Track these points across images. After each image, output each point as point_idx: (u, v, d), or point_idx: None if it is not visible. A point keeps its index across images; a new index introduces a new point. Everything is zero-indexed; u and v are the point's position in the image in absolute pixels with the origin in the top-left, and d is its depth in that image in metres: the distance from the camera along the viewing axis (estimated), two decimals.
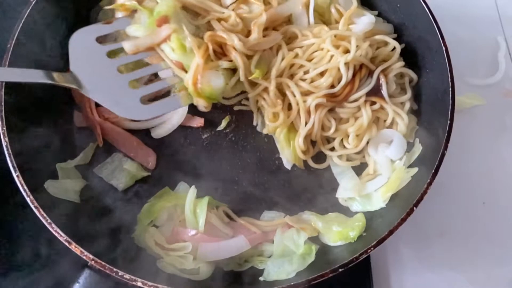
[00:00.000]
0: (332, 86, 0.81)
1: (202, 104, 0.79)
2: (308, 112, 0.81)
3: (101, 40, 0.77)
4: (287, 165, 0.85)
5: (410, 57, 0.86)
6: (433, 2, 0.81)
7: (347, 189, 0.83)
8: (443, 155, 0.70)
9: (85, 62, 0.72)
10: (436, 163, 0.70)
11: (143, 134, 0.86)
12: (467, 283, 0.89)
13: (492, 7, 1.11)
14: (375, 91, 0.83)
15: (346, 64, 0.79)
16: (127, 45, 0.77)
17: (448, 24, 0.82)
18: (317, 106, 0.81)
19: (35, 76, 0.67)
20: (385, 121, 0.84)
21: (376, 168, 0.84)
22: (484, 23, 1.09)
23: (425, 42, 0.82)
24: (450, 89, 0.75)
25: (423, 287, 0.89)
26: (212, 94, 0.77)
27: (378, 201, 0.80)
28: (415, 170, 0.77)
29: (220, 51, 0.79)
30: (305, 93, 0.81)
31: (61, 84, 0.68)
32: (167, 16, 0.76)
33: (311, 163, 0.84)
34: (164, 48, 0.78)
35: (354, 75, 0.81)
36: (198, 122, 0.88)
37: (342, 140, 0.84)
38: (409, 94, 0.84)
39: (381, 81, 0.82)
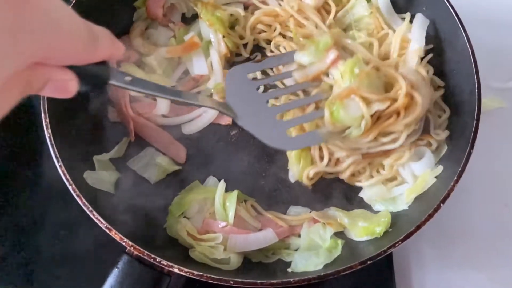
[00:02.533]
0: None
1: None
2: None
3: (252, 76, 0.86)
4: (291, 178, 0.86)
5: (436, 59, 0.87)
6: (458, 5, 0.83)
7: (371, 192, 0.84)
8: (470, 153, 0.72)
9: (239, 94, 0.79)
10: (463, 161, 0.71)
11: (174, 130, 0.89)
12: (489, 282, 0.90)
13: None
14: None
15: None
16: (297, 75, 0.83)
17: (471, 27, 0.83)
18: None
19: (208, 102, 0.73)
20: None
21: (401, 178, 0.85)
22: (507, 26, 1.10)
23: (450, 44, 0.84)
24: (476, 90, 0.76)
25: (444, 286, 0.90)
26: (338, 114, 0.76)
27: (402, 203, 0.81)
28: (439, 170, 0.78)
29: None
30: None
31: (223, 111, 0.75)
32: (333, 43, 0.81)
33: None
34: (333, 73, 0.81)
35: None
36: (227, 120, 0.90)
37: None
38: (447, 111, 0.85)
39: (429, 119, 0.84)
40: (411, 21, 0.89)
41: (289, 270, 0.75)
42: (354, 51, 0.84)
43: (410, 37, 0.87)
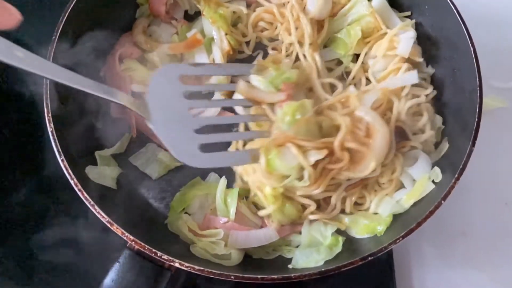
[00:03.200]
0: None
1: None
2: None
3: (185, 79, 0.78)
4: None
5: (438, 57, 0.88)
6: (461, 5, 0.83)
7: (382, 209, 0.81)
8: (471, 151, 0.72)
9: (161, 96, 0.72)
10: (464, 158, 0.71)
11: None
12: (489, 281, 0.90)
13: None
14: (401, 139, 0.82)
15: None
16: (241, 86, 0.78)
17: (474, 27, 0.83)
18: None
19: (107, 92, 0.66)
20: None
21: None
22: (508, 26, 1.10)
23: (453, 43, 0.84)
24: (478, 88, 0.77)
25: (444, 285, 0.90)
26: (274, 163, 0.72)
27: (400, 207, 0.80)
28: (438, 175, 0.78)
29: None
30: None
31: (130, 107, 0.68)
32: (294, 84, 0.78)
33: None
34: (277, 110, 0.77)
35: None
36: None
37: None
38: (425, 116, 0.84)
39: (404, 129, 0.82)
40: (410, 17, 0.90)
41: (290, 266, 0.76)
42: (317, 94, 0.83)
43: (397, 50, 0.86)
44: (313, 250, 0.77)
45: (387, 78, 0.86)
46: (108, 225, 0.68)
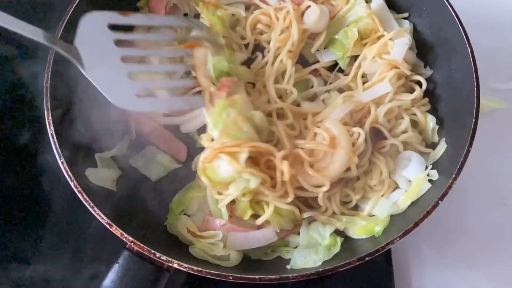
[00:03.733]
0: None
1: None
2: None
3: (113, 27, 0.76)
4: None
5: (434, 57, 0.88)
6: (458, 7, 0.84)
7: (379, 210, 0.81)
8: (468, 151, 0.72)
9: (92, 42, 0.72)
10: (461, 159, 0.72)
11: (175, 128, 0.90)
12: (487, 281, 0.91)
13: None
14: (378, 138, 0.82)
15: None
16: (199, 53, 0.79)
17: (471, 28, 0.84)
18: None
19: (38, 34, 0.66)
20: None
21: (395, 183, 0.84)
22: (506, 28, 1.11)
23: (450, 44, 0.84)
24: (475, 88, 0.77)
25: (443, 285, 0.91)
26: (213, 177, 0.73)
27: (398, 208, 0.80)
28: (434, 175, 0.78)
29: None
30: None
31: (61, 52, 0.68)
32: (230, 80, 0.78)
33: None
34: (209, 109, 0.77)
35: None
36: None
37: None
38: (406, 118, 0.84)
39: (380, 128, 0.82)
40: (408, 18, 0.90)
41: (288, 267, 0.76)
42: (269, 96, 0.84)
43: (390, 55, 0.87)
44: (311, 250, 0.77)
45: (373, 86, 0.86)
46: (108, 226, 0.68)
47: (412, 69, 0.87)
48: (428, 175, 0.79)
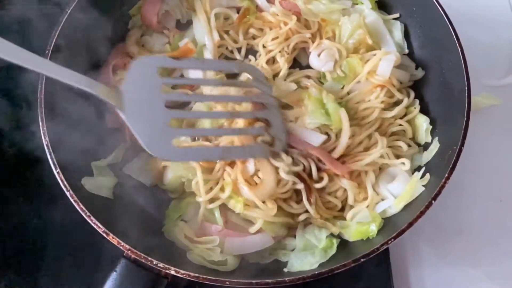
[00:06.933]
0: None
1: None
2: None
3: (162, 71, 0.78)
4: None
5: (426, 57, 0.89)
6: (448, 5, 0.84)
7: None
8: (460, 150, 0.73)
9: (138, 86, 0.72)
10: (454, 158, 0.72)
11: None
12: (486, 279, 0.91)
13: (506, 9, 1.13)
14: None
15: None
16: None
17: (464, 26, 0.84)
18: None
19: (78, 81, 0.66)
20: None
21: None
22: (499, 25, 1.11)
23: (441, 43, 0.85)
24: (466, 87, 0.77)
25: (441, 283, 0.91)
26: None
27: (391, 211, 0.81)
28: (427, 179, 0.78)
29: None
30: None
31: (102, 98, 0.67)
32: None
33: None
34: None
35: None
36: None
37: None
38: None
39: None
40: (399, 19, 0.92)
41: (285, 270, 0.76)
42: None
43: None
44: (308, 253, 0.78)
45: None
46: (104, 235, 0.69)
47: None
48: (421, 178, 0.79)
